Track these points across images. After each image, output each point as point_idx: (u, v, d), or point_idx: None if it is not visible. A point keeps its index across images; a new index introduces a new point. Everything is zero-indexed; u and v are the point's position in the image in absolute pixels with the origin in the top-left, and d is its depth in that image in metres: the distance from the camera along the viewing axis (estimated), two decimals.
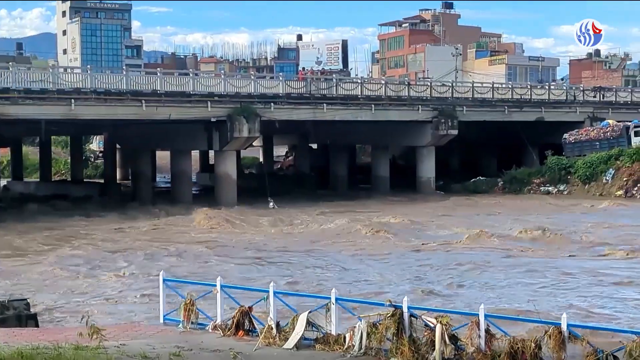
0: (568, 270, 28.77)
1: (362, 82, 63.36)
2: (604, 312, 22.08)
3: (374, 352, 15.00)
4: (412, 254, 33.43)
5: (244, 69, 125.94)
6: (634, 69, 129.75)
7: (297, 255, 33.28)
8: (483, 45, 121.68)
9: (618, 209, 50.29)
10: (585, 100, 71.91)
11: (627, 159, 59.21)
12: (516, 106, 67.49)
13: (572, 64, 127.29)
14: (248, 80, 56.79)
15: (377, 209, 50.06)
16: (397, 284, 26.35)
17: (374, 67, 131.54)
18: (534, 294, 24.61)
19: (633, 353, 12.59)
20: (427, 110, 61.95)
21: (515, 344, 13.76)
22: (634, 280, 26.83)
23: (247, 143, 56.42)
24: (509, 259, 31.87)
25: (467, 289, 25.76)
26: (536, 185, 61.85)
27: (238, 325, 16.91)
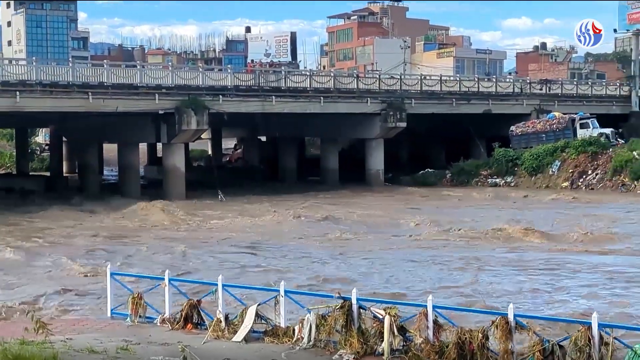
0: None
1: (311, 74, 63.30)
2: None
3: (323, 344, 15.03)
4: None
5: (192, 61, 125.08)
6: (579, 61, 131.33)
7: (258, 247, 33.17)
8: (431, 38, 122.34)
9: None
10: (531, 93, 72.61)
11: (573, 151, 59.94)
12: (464, 99, 67.93)
13: (519, 56, 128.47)
14: (196, 73, 56.45)
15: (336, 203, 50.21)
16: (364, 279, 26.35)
17: (323, 59, 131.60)
18: (477, 284, 24.85)
19: (578, 342, 12.75)
20: (375, 103, 62.12)
21: (462, 334, 13.86)
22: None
23: (196, 136, 56.12)
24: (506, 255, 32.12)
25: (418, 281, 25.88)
26: (484, 177, 62.36)
27: (187, 319, 16.87)
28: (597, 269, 26.94)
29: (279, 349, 14.96)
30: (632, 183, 55.38)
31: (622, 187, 55.62)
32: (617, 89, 79.62)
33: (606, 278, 25.35)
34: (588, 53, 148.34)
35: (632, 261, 28.66)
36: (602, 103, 76.64)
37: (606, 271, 26.52)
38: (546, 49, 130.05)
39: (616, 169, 56.91)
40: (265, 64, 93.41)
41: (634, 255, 30.13)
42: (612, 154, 58.85)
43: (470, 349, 13.73)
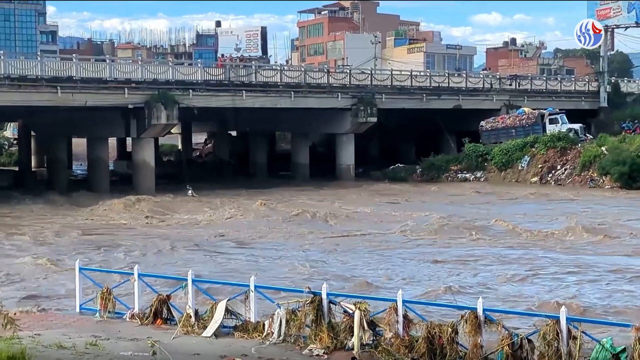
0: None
1: (281, 69, 63.29)
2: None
3: (293, 338, 15.04)
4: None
5: (162, 55, 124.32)
6: (549, 57, 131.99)
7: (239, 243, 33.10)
8: (402, 34, 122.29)
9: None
10: (501, 88, 72.93)
11: (542, 146, 60.30)
12: (434, 94, 68.10)
13: (489, 52, 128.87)
14: (166, 67, 56.20)
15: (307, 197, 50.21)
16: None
17: (294, 54, 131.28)
18: (444, 277, 24.98)
19: (547, 336, 12.83)
20: (346, 98, 62.17)
21: (432, 328, 13.91)
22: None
23: (165, 130, 55.91)
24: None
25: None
26: (454, 172, 62.59)
27: (156, 314, 16.79)
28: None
29: (249, 344, 14.95)
30: (600, 178, 55.78)
31: (590, 182, 56.02)
32: (586, 85, 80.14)
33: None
34: (557, 49, 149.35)
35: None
36: (571, 99, 77.11)
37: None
38: (516, 44, 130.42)
39: (585, 164, 57.30)
40: (236, 58, 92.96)
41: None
42: (581, 149, 59.26)
43: (439, 343, 13.78)
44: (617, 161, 54.31)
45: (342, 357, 13.93)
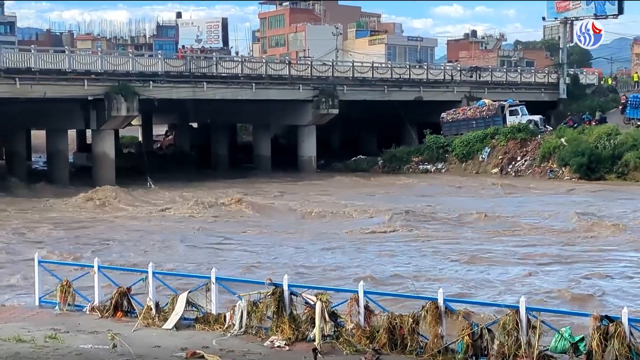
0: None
1: (242, 60, 63.13)
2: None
3: (254, 330, 15.02)
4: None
5: (122, 46, 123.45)
6: (509, 49, 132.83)
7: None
8: (363, 25, 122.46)
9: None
10: (462, 80, 73.31)
11: (502, 138, 60.70)
12: (395, 86, 68.29)
13: (450, 44, 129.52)
14: (126, 58, 55.85)
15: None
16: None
17: (255, 45, 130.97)
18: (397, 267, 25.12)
19: (506, 326, 12.91)
20: (308, 90, 62.13)
21: (393, 319, 13.94)
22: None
23: (126, 122, 55.54)
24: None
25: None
26: (415, 163, 62.83)
27: (117, 307, 16.68)
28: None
29: (210, 336, 14.90)
30: (559, 169, 56.26)
31: (550, 172, 56.47)
32: (546, 77, 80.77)
33: None
34: (517, 41, 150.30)
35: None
36: (531, 90, 77.69)
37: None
38: (476, 36, 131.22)
39: (544, 155, 57.75)
40: (197, 49, 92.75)
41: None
42: (541, 140, 59.73)
43: (400, 333, 13.82)
44: (576, 152, 54.79)
45: (303, 348, 13.92)
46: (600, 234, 31.52)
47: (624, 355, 11.93)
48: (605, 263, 25.92)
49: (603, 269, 24.77)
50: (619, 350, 11.97)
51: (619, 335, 12.04)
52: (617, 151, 54.61)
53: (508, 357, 12.79)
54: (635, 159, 53.14)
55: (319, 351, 13.41)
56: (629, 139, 55.08)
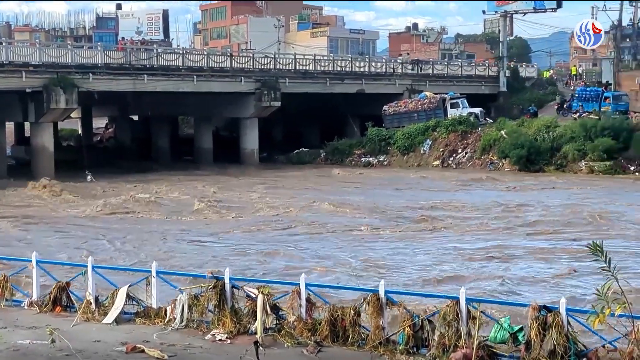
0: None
1: (183, 52, 62.75)
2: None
3: (195, 324, 14.93)
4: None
5: (61, 38, 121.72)
6: (450, 42, 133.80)
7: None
8: (305, 18, 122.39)
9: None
10: (404, 73, 73.67)
11: (444, 130, 61.17)
12: (338, 78, 68.40)
13: (392, 37, 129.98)
14: (65, 50, 55.16)
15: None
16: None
17: (196, 37, 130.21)
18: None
19: (447, 317, 12.99)
20: (249, 82, 61.96)
21: (335, 311, 13.95)
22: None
23: (65, 114, 54.95)
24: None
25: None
26: (357, 156, 63.03)
27: (55, 301, 16.45)
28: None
29: (150, 330, 14.77)
30: (499, 161, 56.88)
31: (490, 165, 57.08)
32: (486, 70, 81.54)
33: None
34: (458, 34, 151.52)
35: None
36: (472, 83, 78.38)
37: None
38: (418, 29, 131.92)
39: (485, 147, 58.36)
40: (137, 41, 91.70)
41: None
42: (481, 133, 60.34)
43: (342, 325, 13.84)
44: (516, 145, 55.42)
45: (245, 341, 13.86)
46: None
47: (561, 345, 12.08)
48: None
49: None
50: (556, 339, 12.11)
51: (557, 325, 12.19)
52: (556, 143, 55.35)
53: (448, 348, 12.86)
54: (574, 151, 53.92)
55: (261, 344, 13.36)
56: (567, 131, 55.84)
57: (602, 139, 53.08)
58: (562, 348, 12.10)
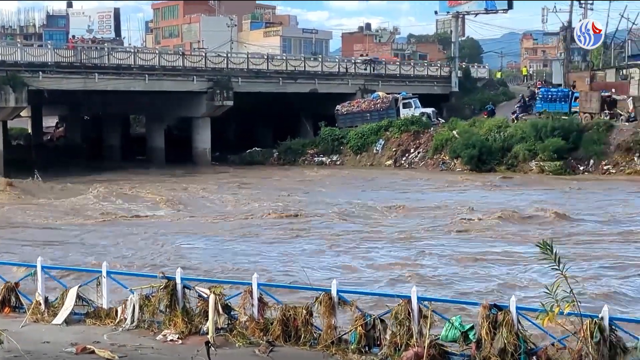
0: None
1: (135, 51, 62.24)
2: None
3: (146, 324, 14.83)
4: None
5: (10, 36, 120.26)
6: (402, 42, 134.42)
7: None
8: (258, 17, 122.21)
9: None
10: (356, 73, 73.85)
11: (396, 130, 61.44)
12: (291, 78, 68.37)
13: (344, 37, 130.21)
14: (14, 48, 54.46)
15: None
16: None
17: (148, 36, 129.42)
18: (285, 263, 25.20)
19: (398, 316, 13.03)
20: (202, 81, 61.70)
21: (287, 311, 13.93)
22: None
23: (14, 113, 54.31)
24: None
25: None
26: (310, 155, 63.08)
27: (4, 302, 16.24)
28: None
29: (101, 331, 14.65)
30: (451, 161, 57.26)
31: (442, 164, 57.44)
32: (438, 70, 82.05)
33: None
34: (411, 34, 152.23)
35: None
36: (424, 83, 78.80)
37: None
38: (371, 29, 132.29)
39: (437, 147, 58.70)
40: (88, 40, 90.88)
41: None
42: (433, 133, 60.68)
43: (294, 325, 13.83)
44: (467, 144, 55.82)
45: (196, 341, 13.79)
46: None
47: (512, 343, 12.16)
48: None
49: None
50: (507, 338, 12.20)
51: (507, 323, 12.27)
52: (506, 143, 55.85)
53: (400, 347, 12.90)
54: (524, 151, 54.44)
55: (212, 344, 13.32)
56: (518, 131, 56.36)
57: (552, 139, 53.66)
58: (512, 346, 12.19)
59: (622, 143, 53.16)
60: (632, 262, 24.46)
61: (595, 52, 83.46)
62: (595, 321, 11.63)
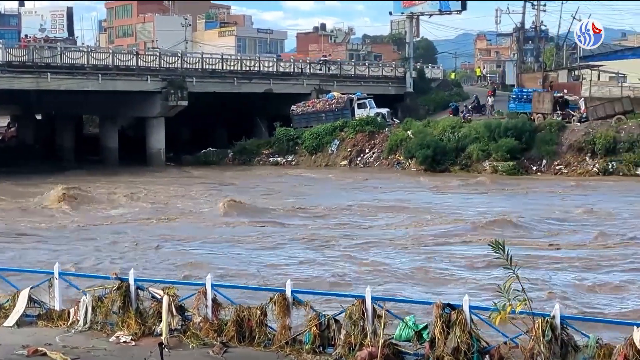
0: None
1: (88, 50, 61.64)
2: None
3: (99, 326, 14.74)
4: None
5: None
6: (357, 43, 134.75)
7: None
8: (212, 17, 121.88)
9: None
10: (311, 73, 73.81)
11: (351, 130, 61.56)
12: (245, 78, 68.15)
13: (300, 37, 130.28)
14: None
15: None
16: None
17: (102, 36, 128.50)
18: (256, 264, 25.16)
19: (352, 316, 13.08)
20: (156, 81, 61.27)
21: (241, 311, 13.92)
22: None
23: None
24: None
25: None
26: (265, 155, 63.00)
27: None
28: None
29: (53, 333, 14.53)
30: (406, 161, 57.50)
31: (397, 165, 57.69)
32: (393, 71, 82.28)
33: None
34: (366, 35, 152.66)
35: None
36: (379, 84, 78.96)
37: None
38: (326, 30, 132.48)
39: (392, 147, 58.92)
40: (40, 39, 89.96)
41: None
42: (388, 133, 60.90)
43: (248, 325, 13.82)
44: (422, 145, 56.08)
45: (150, 343, 13.73)
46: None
47: (465, 342, 12.26)
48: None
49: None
50: (460, 337, 12.29)
51: (461, 322, 12.37)
52: (460, 144, 56.22)
53: (354, 347, 12.94)
54: (478, 151, 54.84)
55: (166, 345, 13.27)
56: (472, 131, 56.74)
57: (505, 140, 54.12)
58: (465, 345, 12.28)
59: (574, 143, 53.79)
60: (585, 262, 24.79)
61: (548, 53, 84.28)
62: (547, 320, 11.76)
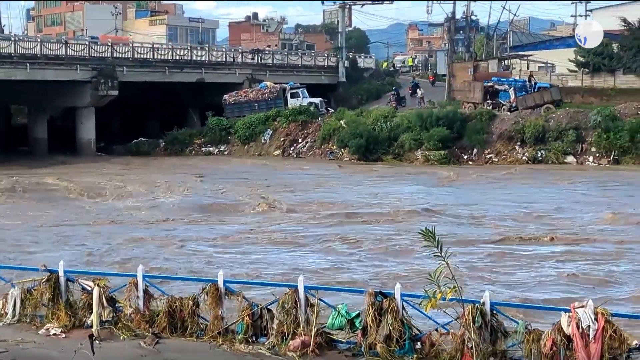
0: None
1: (16, 39, 60.56)
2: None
3: (28, 318, 14.57)
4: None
5: None
6: (290, 32, 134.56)
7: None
8: (143, 5, 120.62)
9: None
10: (244, 62, 73.53)
11: (284, 120, 61.53)
12: (177, 67, 67.64)
13: (232, 26, 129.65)
14: None
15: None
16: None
17: (30, 24, 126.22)
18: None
19: (285, 305, 13.11)
20: (85, 70, 60.49)
21: (173, 302, 13.87)
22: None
23: None
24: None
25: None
26: (198, 145, 62.66)
27: None
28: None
29: None
30: (339, 150, 57.68)
31: (330, 154, 57.83)
32: (326, 60, 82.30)
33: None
34: (298, 24, 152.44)
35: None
36: (312, 73, 78.95)
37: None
38: (258, 19, 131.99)
39: (325, 137, 59.06)
40: None
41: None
42: (321, 122, 60.99)
43: (180, 316, 13.77)
44: (355, 134, 56.33)
45: (80, 335, 13.60)
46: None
47: (396, 330, 12.37)
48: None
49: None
50: (392, 324, 12.40)
51: (392, 310, 12.47)
52: (393, 133, 56.58)
53: (287, 336, 12.98)
54: (410, 141, 55.25)
55: (96, 337, 13.15)
56: (404, 121, 57.12)
57: (437, 129, 54.60)
58: (397, 333, 12.40)
59: (504, 132, 54.52)
60: (517, 252, 25.12)
61: (479, 43, 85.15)
62: (477, 306, 11.92)
